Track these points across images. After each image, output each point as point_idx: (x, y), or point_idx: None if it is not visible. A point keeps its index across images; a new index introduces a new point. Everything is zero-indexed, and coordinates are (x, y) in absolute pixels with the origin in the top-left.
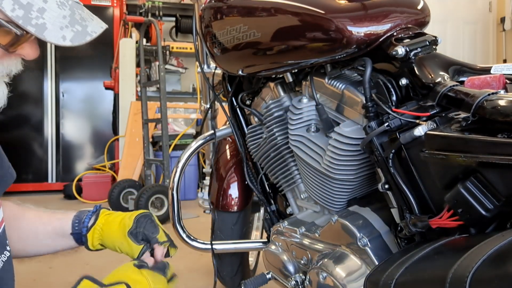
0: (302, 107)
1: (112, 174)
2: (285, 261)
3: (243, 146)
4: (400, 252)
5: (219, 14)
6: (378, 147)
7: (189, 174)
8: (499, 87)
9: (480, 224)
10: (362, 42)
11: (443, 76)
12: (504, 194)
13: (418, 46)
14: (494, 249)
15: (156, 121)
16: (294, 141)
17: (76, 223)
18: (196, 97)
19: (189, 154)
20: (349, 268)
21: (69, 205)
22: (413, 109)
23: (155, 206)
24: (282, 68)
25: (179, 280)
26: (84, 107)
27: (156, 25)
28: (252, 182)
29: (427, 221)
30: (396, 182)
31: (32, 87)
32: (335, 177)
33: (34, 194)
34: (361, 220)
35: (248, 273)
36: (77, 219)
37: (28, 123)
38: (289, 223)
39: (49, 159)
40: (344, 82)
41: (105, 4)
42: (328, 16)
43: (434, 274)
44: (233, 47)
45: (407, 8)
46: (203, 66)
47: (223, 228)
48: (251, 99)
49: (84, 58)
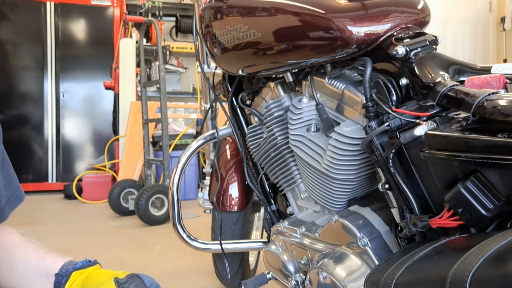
0: (302, 107)
1: (112, 174)
2: (285, 261)
3: (243, 146)
4: (400, 252)
5: (219, 14)
6: (378, 147)
7: (189, 174)
8: (499, 86)
9: (480, 224)
10: (362, 42)
11: (443, 76)
12: (504, 194)
13: (418, 46)
14: (494, 249)
15: (156, 121)
16: (294, 141)
17: (65, 265)
18: (196, 97)
19: (189, 154)
20: (349, 268)
21: (69, 205)
22: (413, 109)
23: (155, 206)
24: (282, 68)
25: (179, 280)
26: (84, 107)
27: (156, 25)
28: (252, 182)
29: (427, 221)
30: (396, 182)
31: (32, 87)
32: (335, 177)
33: (34, 194)
34: (361, 220)
35: (248, 273)
36: (67, 265)
37: (28, 123)
38: (289, 223)
39: (49, 159)
40: (344, 82)
41: (105, 4)
42: (328, 16)
43: (434, 274)
44: (233, 47)
45: (407, 8)
46: (203, 66)
47: (223, 228)
48: (251, 99)
49: (84, 58)
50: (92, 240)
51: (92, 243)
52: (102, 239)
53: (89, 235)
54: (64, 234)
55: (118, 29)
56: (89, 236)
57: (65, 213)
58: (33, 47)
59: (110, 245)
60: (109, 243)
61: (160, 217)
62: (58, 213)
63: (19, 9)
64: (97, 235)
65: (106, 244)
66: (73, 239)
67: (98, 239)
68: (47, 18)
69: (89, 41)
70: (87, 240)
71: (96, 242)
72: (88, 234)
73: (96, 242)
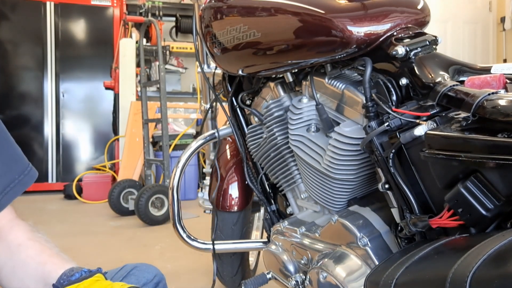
0: (302, 107)
1: (112, 174)
2: (285, 261)
3: (243, 146)
4: (400, 252)
5: (219, 14)
6: (378, 147)
7: (189, 174)
8: (499, 86)
9: (480, 224)
10: (362, 42)
11: (443, 76)
12: (504, 193)
13: (418, 46)
14: (494, 249)
15: (156, 121)
16: (294, 141)
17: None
18: (196, 97)
19: (189, 154)
20: (349, 268)
21: (69, 205)
22: (413, 109)
23: (155, 206)
24: (282, 68)
25: (179, 280)
26: (84, 107)
27: (156, 25)
28: (252, 182)
29: (427, 221)
30: (396, 182)
31: (32, 87)
32: (335, 177)
33: (35, 194)
34: (361, 220)
35: (248, 273)
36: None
37: (28, 123)
38: (289, 223)
39: (49, 159)
40: (344, 82)
41: (105, 4)
42: (328, 16)
43: (434, 274)
44: (233, 47)
45: (407, 8)
46: (203, 66)
47: (223, 228)
48: (251, 99)
49: (84, 58)
50: (92, 240)
51: (92, 243)
52: (102, 239)
53: (89, 235)
54: (64, 234)
55: (118, 29)
56: (89, 236)
57: (65, 213)
58: (33, 47)
59: (110, 245)
60: (109, 243)
61: (160, 217)
62: (58, 213)
63: (19, 9)
64: (97, 235)
65: (106, 244)
66: (73, 239)
67: (98, 239)
68: (47, 18)
69: (89, 41)
70: (87, 240)
71: (96, 242)
72: (88, 234)
73: (96, 242)
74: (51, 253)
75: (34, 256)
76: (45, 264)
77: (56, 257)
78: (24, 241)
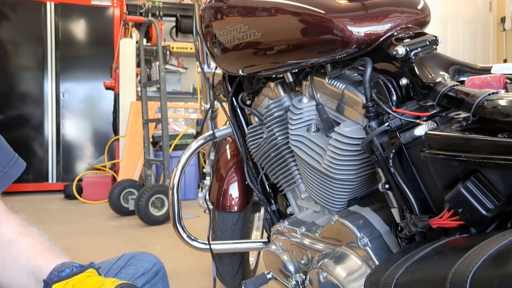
0: (302, 107)
1: (113, 174)
2: (285, 261)
3: (243, 146)
4: (400, 252)
5: (219, 14)
6: (378, 147)
7: (189, 174)
8: (499, 86)
9: (480, 224)
10: (362, 42)
11: (444, 76)
12: (504, 194)
13: (419, 46)
14: (494, 249)
15: (156, 121)
16: (294, 141)
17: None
18: (196, 97)
19: (189, 154)
20: (349, 268)
21: (69, 205)
22: (414, 109)
23: (155, 206)
24: (282, 68)
25: (179, 280)
26: (85, 107)
27: (156, 25)
28: (253, 182)
29: (428, 221)
30: (397, 182)
31: (32, 87)
32: (336, 177)
33: (35, 194)
34: (361, 220)
35: (248, 273)
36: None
37: (29, 123)
38: (289, 223)
39: (49, 159)
40: (344, 82)
41: (105, 4)
42: (328, 16)
43: (434, 274)
44: (233, 47)
45: (407, 8)
46: (203, 66)
47: (224, 228)
48: (251, 99)
49: (84, 58)
50: (92, 240)
51: (92, 243)
52: (102, 239)
53: (89, 235)
54: (64, 234)
55: (118, 29)
56: (89, 236)
57: (65, 213)
58: (33, 47)
59: (110, 245)
60: (109, 243)
61: (160, 217)
62: (58, 213)
63: (19, 9)
64: (97, 235)
65: (106, 244)
66: (73, 239)
67: (98, 239)
68: (47, 18)
69: (89, 41)
70: (87, 240)
71: (96, 242)
72: (88, 234)
73: (96, 242)
74: (42, 247)
75: (25, 251)
76: (36, 259)
77: (48, 252)
78: (14, 236)
